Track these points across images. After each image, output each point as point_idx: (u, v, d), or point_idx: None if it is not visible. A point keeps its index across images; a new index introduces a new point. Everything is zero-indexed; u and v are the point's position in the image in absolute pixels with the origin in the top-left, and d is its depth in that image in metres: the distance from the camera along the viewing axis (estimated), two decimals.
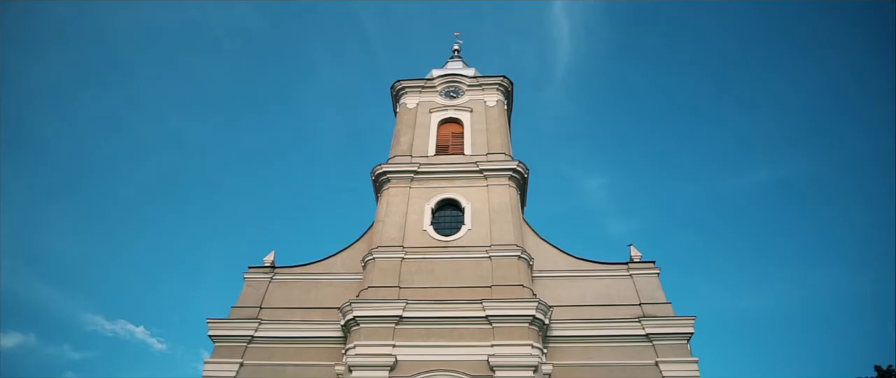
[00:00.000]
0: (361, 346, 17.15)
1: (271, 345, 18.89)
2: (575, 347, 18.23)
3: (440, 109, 27.91)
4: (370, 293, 18.81)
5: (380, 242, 20.85)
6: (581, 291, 20.28)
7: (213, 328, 19.30)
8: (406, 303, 17.97)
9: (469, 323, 17.63)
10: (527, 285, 19.05)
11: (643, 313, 18.94)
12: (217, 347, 18.98)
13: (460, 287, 18.96)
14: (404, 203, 22.53)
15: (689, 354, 17.90)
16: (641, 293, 19.86)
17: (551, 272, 20.94)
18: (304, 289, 21.19)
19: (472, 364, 16.65)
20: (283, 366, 18.31)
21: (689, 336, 18.26)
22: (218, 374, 18.10)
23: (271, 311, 20.18)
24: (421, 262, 20.18)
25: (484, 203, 22.34)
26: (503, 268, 19.56)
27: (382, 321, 17.72)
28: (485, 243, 20.60)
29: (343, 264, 21.92)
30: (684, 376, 17.21)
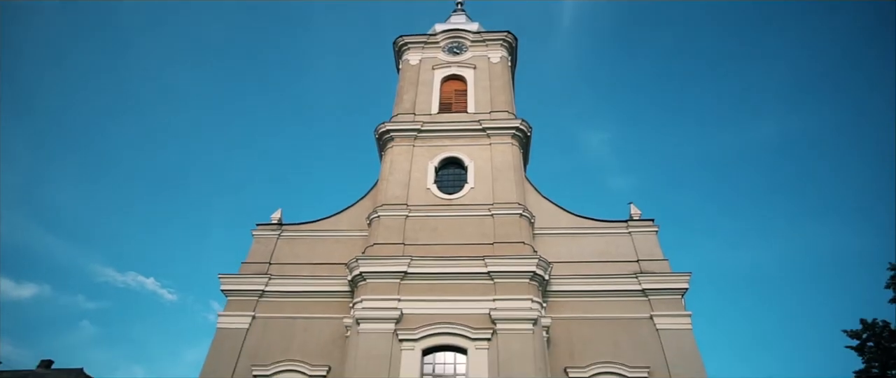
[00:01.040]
0: (368, 300, 17.84)
1: (281, 299, 19.65)
2: (573, 301, 18.92)
3: (443, 66, 27.63)
4: (376, 250, 19.36)
5: (384, 200, 21.24)
6: (580, 248, 20.80)
7: (224, 283, 20.02)
8: (411, 259, 18.53)
9: (472, 279, 18.22)
10: (528, 242, 19.55)
11: (640, 270, 19.52)
12: (230, 301, 19.77)
13: (463, 244, 19.46)
14: (408, 161, 22.76)
15: (682, 308, 18.58)
16: (639, 250, 20.38)
17: (552, 229, 21.41)
18: (310, 245, 21.78)
19: (474, 317, 17.36)
20: (293, 318, 19.10)
21: (684, 291, 18.89)
22: (232, 326, 18.94)
23: (280, 266, 20.85)
24: (425, 219, 20.62)
25: (486, 161, 22.55)
26: (505, 225, 20.00)
27: (388, 277, 18.34)
28: (487, 201, 20.96)
29: (349, 221, 22.41)
30: (677, 329, 17.93)
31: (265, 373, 17.62)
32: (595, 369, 17.14)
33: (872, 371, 18.68)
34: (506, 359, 16.14)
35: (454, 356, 17.00)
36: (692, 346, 17.47)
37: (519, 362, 16.01)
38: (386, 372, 16.09)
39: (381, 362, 16.29)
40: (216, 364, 17.96)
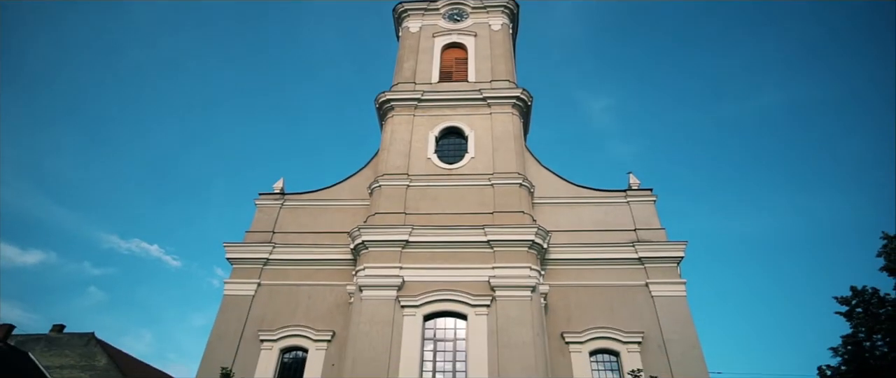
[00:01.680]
0: (371, 268, 18.26)
1: (285, 266, 20.09)
2: (571, 269, 19.34)
3: (444, 34, 27.30)
4: (377, 219, 19.67)
5: (385, 170, 21.41)
6: (579, 217, 21.11)
7: (229, 251, 20.43)
8: (412, 228, 18.85)
9: (472, 247, 18.59)
10: (527, 211, 19.83)
11: (638, 238, 19.87)
12: (235, 269, 20.22)
13: (463, 213, 19.75)
14: (408, 131, 22.82)
15: (678, 276, 19.03)
16: (637, 219, 20.69)
17: (551, 199, 21.66)
18: (313, 214, 22.10)
19: (474, 284, 17.80)
20: (297, 285, 19.59)
21: (680, 260, 19.29)
22: (238, 292, 19.45)
23: (283, 235, 21.22)
24: (425, 189, 20.85)
25: (487, 131, 22.60)
26: (505, 195, 20.24)
27: (390, 245, 18.71)
28: (487, 171, 21.14)
29: (350, 191, 22.66)
30: (672, 296, 18.41)
31: (272, 337, 18.22)
32: (591, 334, 17.70)
33: (859, 335, 19.24)
34: (504, 324, 16.66)
35: (454, 322, 17.53)
36: (685, 313, 17.98)
37: (517, 328, 16.53)
38: (389, 337, 16.64)
39: (383, 328, 16.83)
40: (224, 329, 18.54)
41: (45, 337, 29.90)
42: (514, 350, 16.08)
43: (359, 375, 15.86)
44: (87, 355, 28.94)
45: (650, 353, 17.15)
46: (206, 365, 17.51)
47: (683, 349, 17.10)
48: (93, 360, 28.72)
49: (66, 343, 29.52)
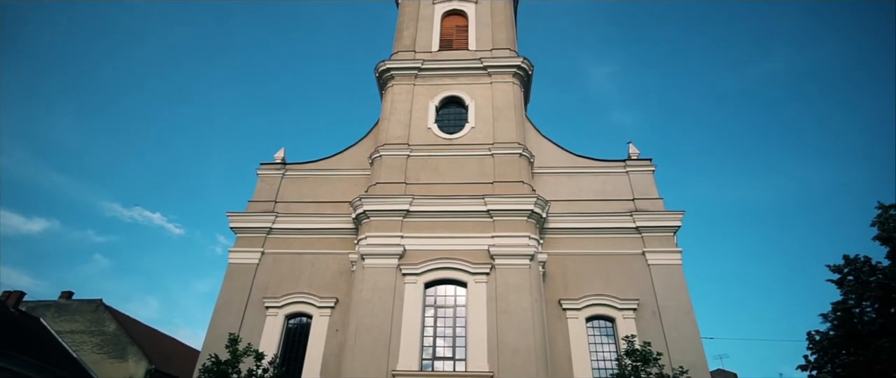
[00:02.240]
0: (372, 237, 18.58)
1: (288, 236, 20.42)
2: (569, 238, 19.67)
3: (443, 0, 26.84)
4: (378, 189, 19.87)
5: (386, 140, 21.48)
6: (578, 187, 21.31)
7: (233, 221, 20.73)
8: (412, 198, 19.07)
9: (471, 216, 18.86)
10: (527, 181, 20.01)
11: (635, 208, 20.12)
12: (239, 238, 20.56)
13: (463, 183, 19.93)
14: (408, 101, 22.77)
15: (674, 245, 19.36)
16: (635, 189, 20.89)
17: (551, 169, 21.82)
18: (314, 184, 22.29)
19: (473, 253, 18.16)
20: (300, 254, 19.96)
21: (676, 229, 19.59)
22: (242, 261, 19.84)
23: (285, 204, 21.47)
24: (426, 159, 20.97)
25: (487, 100, 22.55)
26: (505, 165, 20.38)
27: (391, 215, 18.98)
28: (487, 141, 21.21)
29: (351, 160, 22.79)
30: (667, 264, 18.79)
31: (276, 304, 18.70)
32: (587, 301, 18.16)
33: (849, 302, 19.67)
34: (503, 292, 17.09)
35: (454, 289, 17.98)
36: (680, 280, 18.40)
37: (516, 295, 16.97)
38: (390, 303, 17.11)
39: (385, 295, 17.28)
40: (230, 296, 19.02)
41: (55, 303, 30.58)
42: (513, 316, 16.55)
43: (362, 340, 16.40)
44: (96, 321, 29.66)
45: (645, 319, 17.64)
46: (214, 330, 18.05)
47: (677, 315, 17.58)
48: (102, 326, 29.46)
49: (76, 309, 30.21)
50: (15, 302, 26.86)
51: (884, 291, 18.37)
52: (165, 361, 30.13)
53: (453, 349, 16.74)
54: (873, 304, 19.11)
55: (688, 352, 16.52)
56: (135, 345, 28.67)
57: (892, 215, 20.46)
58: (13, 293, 27.29)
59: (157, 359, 29.04)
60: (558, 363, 16.92)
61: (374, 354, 16.09)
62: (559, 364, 16.91)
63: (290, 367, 17.41)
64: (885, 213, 20.64)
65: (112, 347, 28.40)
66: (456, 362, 16.47)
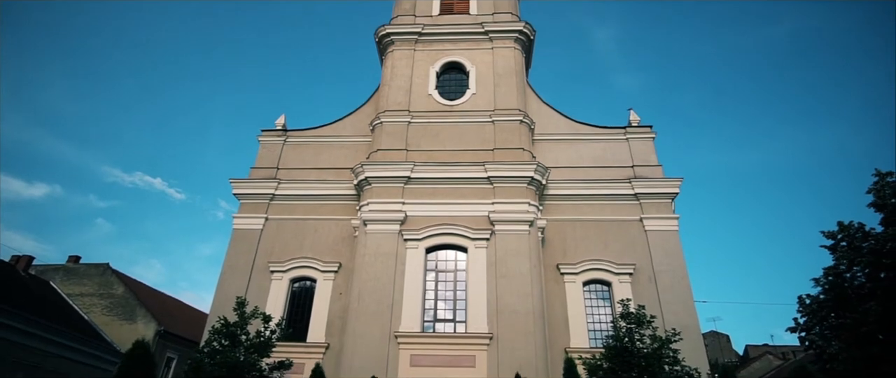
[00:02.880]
0: (374, 203, 18.82)
1: (291, 202, 20.66)
2: (568, 204, 19.91)
3: None
4: (379, 156, 19.97)
5: (387, 106, 21.43)
6: (578, 153, 21.42)
7: (236, 187, 20.93)
8: (413, 165, 19.21)
9: (472, 183, 19.05)
10: (527, 148, 20.10)
11: (635, 175, 20.28)
12: (243, 204, 20.81)
13: (464, 150, 20.02)
14: (409, 67, 22.59)
15: (671, 212, 19.62)
16: (635, 156, 21.00)
17: (552, 135, 21.86)
18: (316, 150, 22.38)
19: (474, 219, 18.45)
20: (304, 220, 20.25)
21: (675, 195, 19.80)
22: (247, 227, 20.15)
23: (287, 171, 21.62)
24: (426, 126, 20.99)
25: (488, 66, 22.38)
26: (505, 132, 20.42)
27: (392, 181, 19.16)
28: (488, 108, 21.16)
29: (352, 127, 22.79)
30: (664, 230, 19.10)
31: (281, 269, 19.13)
32: (584, 266, 18.57)
33: (840, 267, 20.09)
34: (503, 257, 17.46)
35: (455, 254, 18.36)
36: (676, 246, 18.74)
37: (515, 260, 17.35)
38: (393, 268, 17.51)
39: (387, 259, 17.66)
40: (235, 261, 19.42)
41: (63, 267, 31.20)
42: (512, 280, 16.98)
43: (366, 303, 16.89)
44: (104, 284, 30.34)
45: (640, 283, 18.08)
46: (221, 294, 18.53)
47: (672, 280, 18.01)
48: (110, 289, 30.16)
49: (84, 273, 30.85)
50: (25, 266, 27.40)
51: (875, 257, 18.75)
52: (173, 323, 31.00)
53: (454, 312, 17.25)
54: (864, 269, 19.53)
55: (681, 315, 17.02)
56: (143, 307, 29.43)
57: (889, 182, 20.67)
58: (22, 257, 27.78)
59: (165, 320, 29.86)
60: (555, 326, 17.45)
61: (377, 317, 16.61)
62: (556, 326, 17.45)
63: (296, 328, 17.98)
64: (882, 180, 20.85)
65: (121, 310, 29.16)
66: (456, 324, 17.01)
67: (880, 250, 18.64)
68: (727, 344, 51.84)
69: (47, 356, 22.28)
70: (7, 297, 21.46)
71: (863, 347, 17.06)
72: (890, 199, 20.09)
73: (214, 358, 13.30)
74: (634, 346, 13.15)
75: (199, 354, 13.88)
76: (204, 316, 35.71)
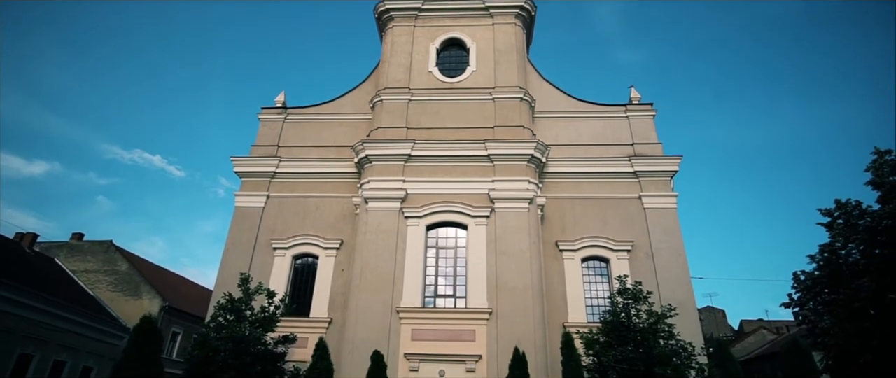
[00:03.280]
0: (375, 181, 18.93)
1: (292, 179, 20.75)
2: (568, 182, 20.01)
3: None
4: (379, 133, 19.99)
5: (386, 84, 21.34)
6: (578, 131, 21.42)
7: (237, 165, 20.99)
8: (414, 143, 19.24)
9: (472, 161, 19.12)
10: (527, 126, 20.11)
11: (634, 152, 20.33)
12: (244, 182, 20.91)
13: (464, 128, 20.02)
14: (409, 43, 22.41)
15: (670, 189, 19.74)
16: (635, 133, 21.01)
17: (552, 113, 21.82)
18: (316, 128, 22.36)
19: (474, 197, 18.58)
20: (305, 197, 20.38)
21: (674, 173, 19.89)
22: (249, 204, 20.29)
23: (288, 149, 21.65)
24: (426, 103, 20.94)
25: (489, 43, 22.20)
26: (505, 109, 20.39)
27: (392, 159, 19.23)
28: (489, 85, 21.08)
29: (352, 104, 22.72)
30: (662, 207, 19.25)
31: (284, 245, 19.35)
32: (583, 243, 18.78)
33: (836, 244, 20.33)
34: (502, 234, 17.66)
35: (455, 231, 18.56)
36: (674, 223, 18.92)
37: (514, 237, 17.55)
38: (394, 245, 17.73)
39: (389, 236, 17.87)
40: (238, 238, 19.62)
41: (67, 244, 31.49)
42: (511, 257, 17.22)
43: (367, 279, 17.16)
44: (108, 261, 30.68)
45: (638, 260, 18.32)
46: (225, 270, 18.78)
47: (669, 256, 18.24)
48: (114, 266, 30.51)
49: (88, 250, 31.16)
50: (30, 243, 27.66)
51: (870, 234, 18.98)
52: (177, 299, 31.46)
53: (454, 287, 17.54)
54: (859, 246, 19.79)
55: (677, 291, 17.31)
56: (147, 283, 29.83)
57: (888, 161, 20.76)
58: (27, 235, 28.02)
59: (170, 296, 30.31)
60: (554, 301, 17.76)
61: (379, 292, 16.89)
62: (555, 302, 17.76)
63: (299, 304, 18.30)
64: (881, 158, 20.94)
65: (126, 286, 29.57)
66: (457, 300, 17.31)
67: (875, 228, 18.86)
68: (723, 319, 52.70)
69: (56, 331, 22.72)
70: (14, 273, 21.76)
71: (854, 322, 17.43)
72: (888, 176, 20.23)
73: (220, 332, 13.61)
74: (630, 321, 13.45)
75: (205, 329, 14.20)
76: (207, 291, 36.24)
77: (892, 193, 19.21)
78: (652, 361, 12.46)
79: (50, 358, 22.54)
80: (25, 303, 21.02)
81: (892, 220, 18.08)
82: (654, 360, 12.44)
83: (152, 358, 13.63)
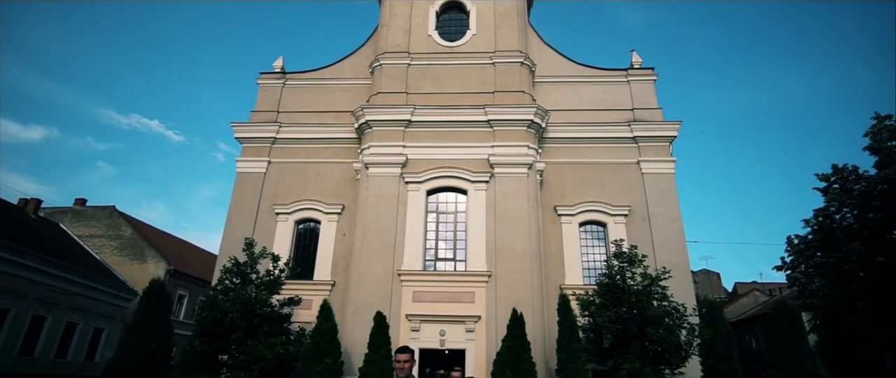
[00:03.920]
0: (375, 146, 19.02)
1: (293, 145, 20.82)
2: (567, 148, 20.10)
3: None
4: (379, 99, 19.94)
5: (386, 48, 21.12)
6: (579, 96, 21.34)
7: (237, 131, 21.02)
8: (414, 108, 19.23)
9: (472, 126, 19.16)
10: (527, 91, 20.03)
11: (634, 118, 20.33)
12: (245, 148, 20.98)
13: (464, 93, 19.96)
14: (408, 5, 22.04)
15: (668, 155, 19.84)
16: (635, 98, 20.95)
17: (552, 77, 21.68)
18: (316, 93, 22.26)
19: (474, 162, 18.73)
20: (306, 163, 20.51)
21: (673, 138, 19.96)
22: (250, 170, 20.43)
23: (288, 114, 21.62)
24: (427, 68, 20.79)
25: (489, 5, 21.84)
26: (506, 74, 20.27)
27: (392, 125, 19.26)
28: (489, 49, 20.87)
29: (351, 69, 22.54)
30: (660, 173, 19.41)
31: (286, 210, 19.62)
32: (581, 207, 19.05)
33: (830, 209, 20.62)
34: (502, 199, 17.91)
35: (455, 196, 18.80)
36: (671, 188, 19.13)
37: (513, 202, 17.80)
38: (394, 209, 18.00)
39: (389, 202, 18.12)
40: (241, 203, 19.86)
41: (71, 210, 31.81)
42: (510, 221, 17.52)
43: (369, 243, 17.52)
44: (112, 226, 31.07)
45: (635, 224, 18.62)
46: (228, 236, 19.11)
47: (666, 221, 18.54)
48: (118, 231, 30.92)
49: (91, 215, 31.50)
50: (34, 208, 27.94)
51: (865, 198, 19.26)
52: (181, 262, 32.04)
53: (454, 251, 17.93)
54: (853, 211, 20.10)
55: (673, 254, 17.68)
56: (152, 247, 30.32)
57: (887, 126, 20.81)
58: (31, 200, 28.27)
59: (174, 260, 30.86)
60: (552, 264, 18.18)
61: (380, 256, 17.28)
62: (552, 265, 18.18)
63: (303, 267, 18.71)
64: (881, 124, 20.98)
65: (131, 250, 30.06)
66: (456, 263, 17.72)
67: (871, 192, 19.11)
68: (718, 281, 53.78)
69: (66, 294, 23.29)
70: (22, 238, 22.13)
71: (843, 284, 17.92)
72: (886, 142, 20.33)
73: (228, 295, 14.03)
74: (625, 283, 13.84)
75: (213, 291, 14.62)
76: (210, 255, 36.84)
77: (890, 158, 19.39)
78: (644, 321, 12.91)
79: (62, 319, 23.21)
80: (35, 267, 21.47)
81: (887, 185, 18.33)
82: (647, 321, 12.89)
83: (164, 319, 14.13)
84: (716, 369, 12.72)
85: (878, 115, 21.17)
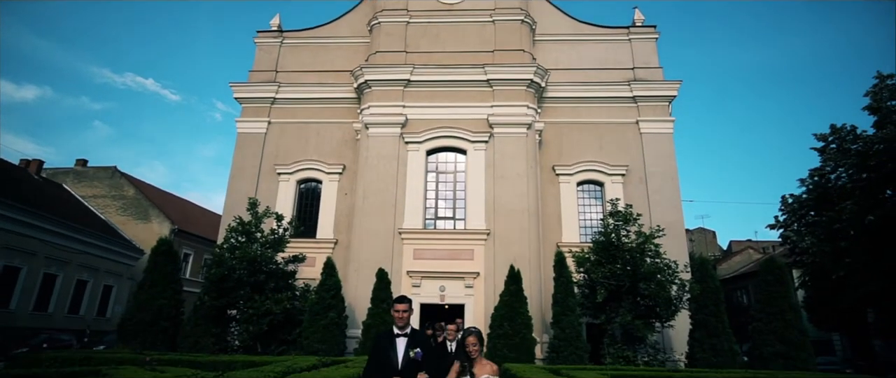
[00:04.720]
0: (375, 106, 19.05)
1: (292, 105, 20.81)
2: (566, 107, 20.12)
3: None
4: (378, 58, 19.79)
5: (384, 5, 20.77)
6: (579, 55, 21.17)
7: (237, 91, 20.96)
8: (413, 67, 19.13)
9: (471, 86, 19.13)
10: (527, 50, 19.86)
11: (634, 77, 20.25)
12: (245, 108, 20.98)
13: (464, 52, 19.80)
14: None
15: (667, 115, 19.89)
16: (636, 57, 20.79)
17: (553, 36, 21.43)
18: (314, 52, 22.04)
19: (473, 122, 18.81)
20: (306, 123, 20.57)
21: (672, 98, 19.95)
22: (250, 130, 20.52)
23: (286, 74, 21.49)
24: (426, 26, 20.52)
25: None
26: (505, 32, 20.04)
27: (392, 84, 19.22)
28: (488, 6, 20.53)
29: (349, 27, 22.23)
30: (659, 133, 19.53)
31: (287, 170, 19.85)
32: (579, 167, 19.28)
33: (826, 169, 20.89)
34: (500, 158, 18.11)
35: (455, 156, 18.99)
36: (669, 148, 19.30)
37: (512, 162, 18.02)
38: (395, 169, 18.24)
39: (389, 161, 18.33)
40: (242, 164, 20.08)
41: (73, 170, 32.06)
42: (509, 181, 17.79)
43: (370, 203, 17.85)
44: (115, 186, 31.43)
45: (632, 183, 18.91)
46: (231, 196, 19.42)
47: (662, 180, 18.81)
48: (121, 191, 31.30)
49: (93, 175, 31.79)
50: (36, 169, 28.17)
51: (860, 158, 19.48)
52: (185, 222, 32.59)
53: (454, 210, 18.29)
54: (848, 170, 20.37)
55: (668, 213, 18.05)
56: (155, 207, 30.77)
57: (888, 85, 20.75)
58: (33, 161, 28.46)
59: (178, 219, 31.39)
60: (549, 223, 18.58)
61: (381, 215, 17.65)
62: (550, 223, 18.59)
63: (307, 226, 19.12)
64: (882, 83, 20.92)
65: (134, 210, 30.52)
66: (456, 222, 18.12)
67: (867, 152, 19.31)
68: (713, 239, 54.75)
69: (75, 253, 23.87)
70: (28, 198, 22.47)
71: (832, 242, 18.40)
72: (886, 101, 20.33)
73: (234, 252, 14.46)
74: (620, 241, 14.25)
75: (219, 249, 15.06)
76: (212, 215, 37.33)
77: (888, 118, 19.46)
78: (637, 277, 13.39)
79: (72, 277, 23.89)
80: (43, 227, 21.92)
81: (884, 145, 18.49)
82: (640, 277, 13.37)
83: (173, 276, 14.64)
84: (703, 322, 13.31)
85: (880, 73, 21.09)
